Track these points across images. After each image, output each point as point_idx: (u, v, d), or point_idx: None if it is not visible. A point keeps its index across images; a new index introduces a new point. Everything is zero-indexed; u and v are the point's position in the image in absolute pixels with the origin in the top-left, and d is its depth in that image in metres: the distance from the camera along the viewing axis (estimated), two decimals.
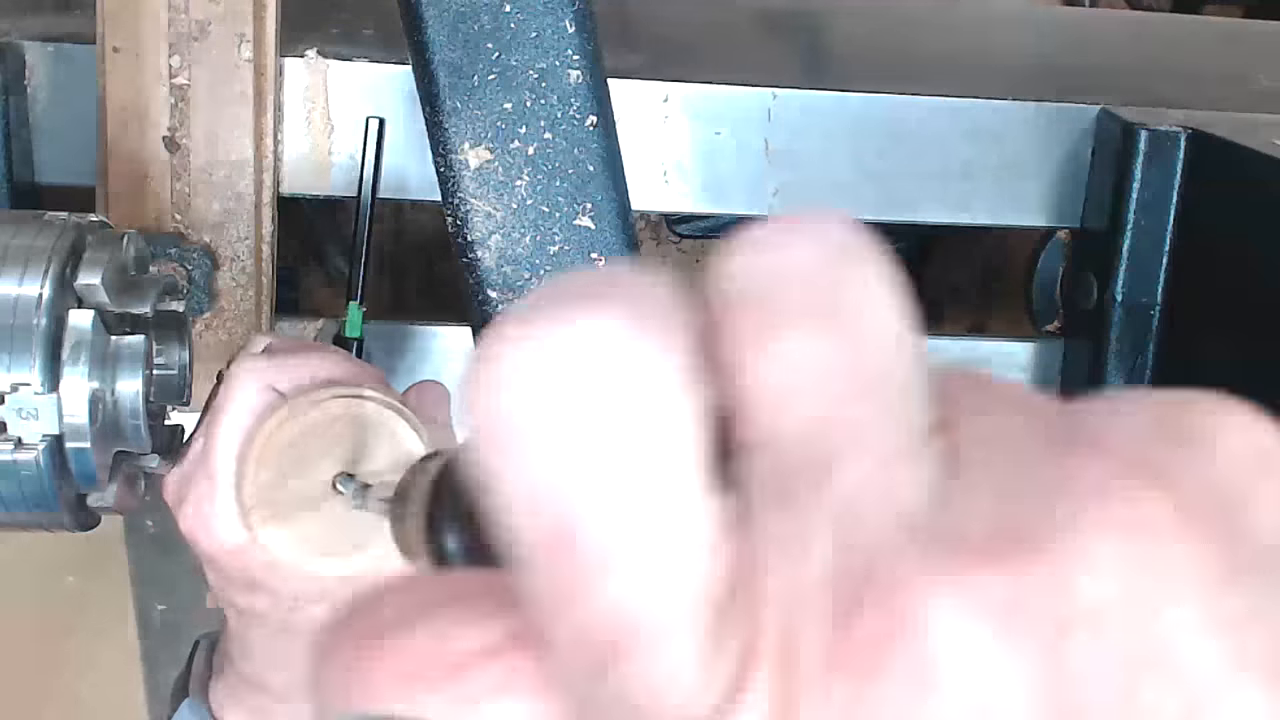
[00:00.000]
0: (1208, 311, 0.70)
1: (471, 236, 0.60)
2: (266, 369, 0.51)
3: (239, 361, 0.52)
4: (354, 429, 0.49)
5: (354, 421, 0.49)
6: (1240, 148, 0.67)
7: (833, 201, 0.75)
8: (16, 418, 0.45)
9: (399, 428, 0.49)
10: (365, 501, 0.46)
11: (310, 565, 0.49)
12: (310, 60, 0.68)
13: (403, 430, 0.49)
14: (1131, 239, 0.71)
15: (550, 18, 0.58)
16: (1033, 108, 0.75)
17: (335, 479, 0.48)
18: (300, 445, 0.48)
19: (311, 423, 0.48)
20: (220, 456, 0.50)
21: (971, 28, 0.92)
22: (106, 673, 1.76)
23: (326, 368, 0.51)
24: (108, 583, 1.77)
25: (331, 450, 0.48)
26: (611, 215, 0.61)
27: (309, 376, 0.50)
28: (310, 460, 0.48)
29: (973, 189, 0.75)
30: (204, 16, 0.62)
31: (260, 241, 0.65)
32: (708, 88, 0.72)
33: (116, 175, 0.63)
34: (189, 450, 0.53)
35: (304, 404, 0.48)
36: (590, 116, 0.60)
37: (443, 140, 0.59)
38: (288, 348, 0.54)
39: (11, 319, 0.45)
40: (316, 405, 0.48)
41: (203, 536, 0.51)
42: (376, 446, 0.49)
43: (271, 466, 0.48)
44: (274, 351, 0.52)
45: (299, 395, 0.49)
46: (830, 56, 0.85)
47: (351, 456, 0.49)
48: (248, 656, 0.57)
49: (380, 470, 0.48)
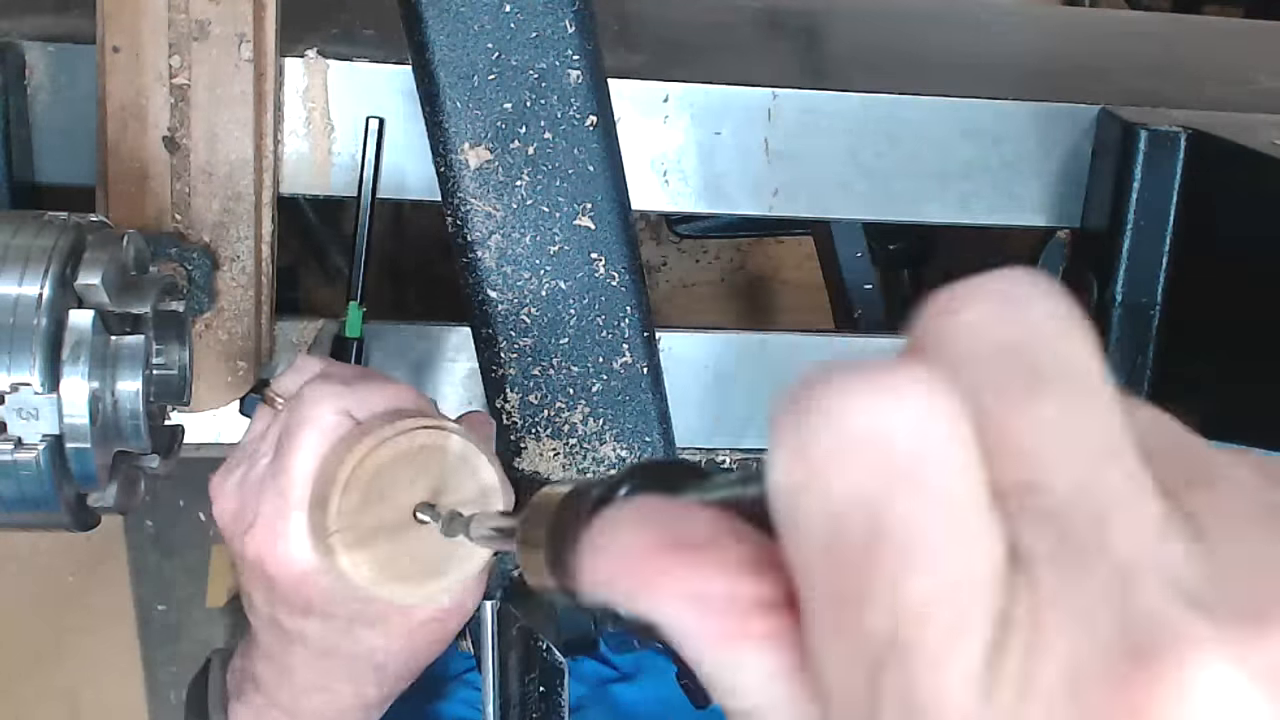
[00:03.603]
0: (1208, 311, 0.70)
1: (471, 236, 0.60)
2: (344, 394, 0.51)
3: (312, 385, 0.52)
4: (435, 460, 0.50)
5: (436, 453, 0.50)
6: (1240, 148, 0.67)
7: (833, 201, 0.75)
8: (16, 418, 0.45)
9: (479, 462, 0.50)
10: (455, 529, 0.47)
11: (384, 591, 0.49)
12: (310, 60, 0.68)
13: (482, 464, 0.50)
14: (1131, 239, 0.71)
15: (550, 18, 0.58)
16: (1033, 108, 0.75)
17: (416, 508, 0.49)
18: (386, 474, 0.49)
19: (399, 452, 0.49)
20: (296, 479, 0.50)
21: (971, 28, 0.92)
22: (106, 672, 1.76)
23: (400, 396, 0.52)
24: (108, 583, 1.77)
25: (413, 480, 0.49)
26: (611, 215, 0.61)
27: (384, 404, 0.51)
28: (393, 489, 0.49)
29: (973, 189, 0.75)
30: (204, 16, 0.62)
31: (260, 241, 0.65)
32: (708, 88, 0.72)
33: (116, 175, 0.63)
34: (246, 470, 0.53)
35: (392, 432, 0.49)
36: (590, 116, 0.60)
37: (443, 140, 0.59)
38: (354, 374, 0.54)
39: (11, 319, 0.45)
40: (404, 434, 0.49)
41: (270, 558, 0.51)
42: (456, 479, 0.50)
43: (358, 493, 0.48)
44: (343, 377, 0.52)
45: (376, 423, 0.50)
46: (830, 56, 0.85)
47: (432, 487, 0.49)
48: (284, 680, 0.56)
49: (459, 502, 0.49)
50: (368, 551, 0.48)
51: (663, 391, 0.63)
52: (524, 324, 0.61)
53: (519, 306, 0.61)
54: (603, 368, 0.62)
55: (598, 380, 0.62)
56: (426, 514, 0.49)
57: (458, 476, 0.50)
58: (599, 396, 0.62)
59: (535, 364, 0.61)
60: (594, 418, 0.62)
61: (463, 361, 0.74)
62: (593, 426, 0.62)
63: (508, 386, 0.61)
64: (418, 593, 0.50)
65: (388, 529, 0.49)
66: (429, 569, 0.49)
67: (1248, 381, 0.67)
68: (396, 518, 0.49)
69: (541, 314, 0.61)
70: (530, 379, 0.61)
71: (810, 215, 0.76)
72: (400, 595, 0.49)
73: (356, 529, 0.48)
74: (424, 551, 0.49)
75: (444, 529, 0.47)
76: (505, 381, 0.61)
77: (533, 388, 0.61)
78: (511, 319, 0.61)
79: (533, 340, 0.61)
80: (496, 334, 0.61)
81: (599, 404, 0.62)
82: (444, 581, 0.50)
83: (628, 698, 0.83)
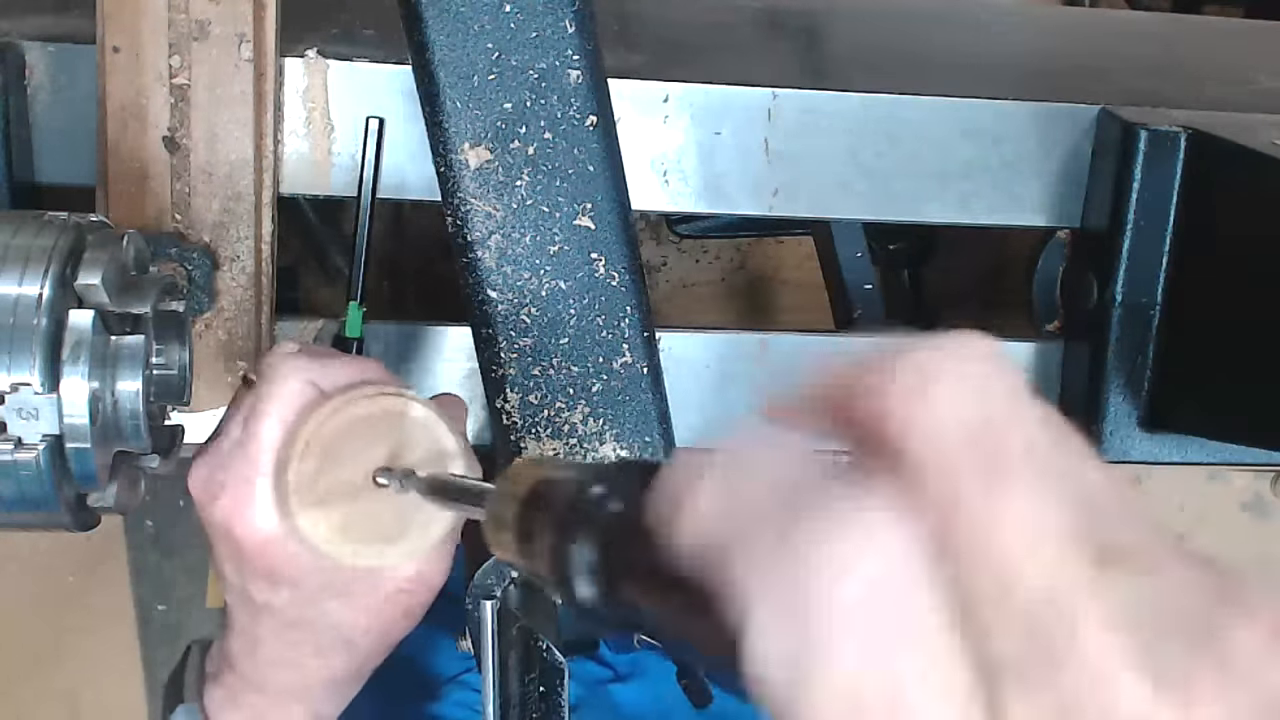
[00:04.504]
0: (1208, 311, 0.70)
1: (471, 236, 0.60)
2: (310, 366, 0.52)
3: (280, 358, 0.53)
4: (394, 427, 0.51)
5: (395, 420, 0.51)
6: (1240, 148, 0.67)
7: (833, 201, 0.75)
8: (16, 418, 0.45)
9: (438, 428, 0.51)
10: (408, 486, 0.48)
11: (343, 555, 0.50)
12: (310, 60, 0.68)
13: (441, 431, 0.52)
14: (1131, 239, 0.71)
15: (550, 18, 0.58)
16: (1033, 108, 0.75)
17: (375, 473, 0.50)
18: (345, 437, 0.50)
19: (358, 416, 0.50)
20: (263, 446, 0.51)
21: (971, 28, 0.92)
22: (106, 672, 1.76)
23: (365, 370, 0.53)
24: (108, 583, 1.77)
25: (372, 445, 0.50)
26: (611, 215, 0.61)
27: (349, 376, 0.52)
28: (352, 453, 0.50)
29: (973, 189, 0.75)
30: (204, 16, 0.62)
31: (260, 241, 0.65)
32: (708, 88, 0.72)
33: (116, 175, 0.63)
34: (218, 443, 0.54)
35: (351, 398, 0.50)
36: (590, 116, 0.60)
37: (443, 140, 0.59)
38: (323, 351, 0.55)
39: (11, 319, 0.45)
40: (363, 400, 0.50)
41: (237, 522, 0.52)
42: (415, 444, 0.51)
43: (316, 456, 0.49)
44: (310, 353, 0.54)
45: (340, 392, 0.51)
46: (830, 56, 0.85)
47: (391, 453, 0.51)
48: (254, 654, 0.57)
49: (417, 464, 0.50)
50: (326, 511, 0.49)
51: (663, 391, 0.63)
52: (524, 324, 0.61)
53: (519, 306, 0.61)
54: (603, 368, 0.62)
55: (598, 380, 0.62)
56: (385, 477, 0.50)
57: (418, 442, 0.51)
58: (599, 396, 0.62)
59: (535, 364, 0.61)
60: (594, 418, 0.62)
61: (463, 361, 0.74)
62: (593, 426, 0.62)
63: (508, 386, 0.61)
64: (377, 555, 0.51)
65: (347, 492, 0.50)
66: (389, 533, 0.50)
67: (1248, 381, 0.67)
68: (356, 481, 0.50)
69: (541, 314, 0.61)
70: (530, 379, 0.61)
71: (810, 215, 0.76)
72: (359, 557, 0.50)
73: (316, 490, 0.49)
74: (384, 515, 0.50)
75: (398, 486, 0.49)
76: (505, 381, 0.61)
77: (533, 388, 0.61)
78: (511, 319, 0.61)
79: (533, 340, 0.61)
80: (496, 334, 0.61)
81: (599, 404, 0.62)
82: (404, 546, 0.51)
83: (627, 698, 0.83)
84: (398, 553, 0.51)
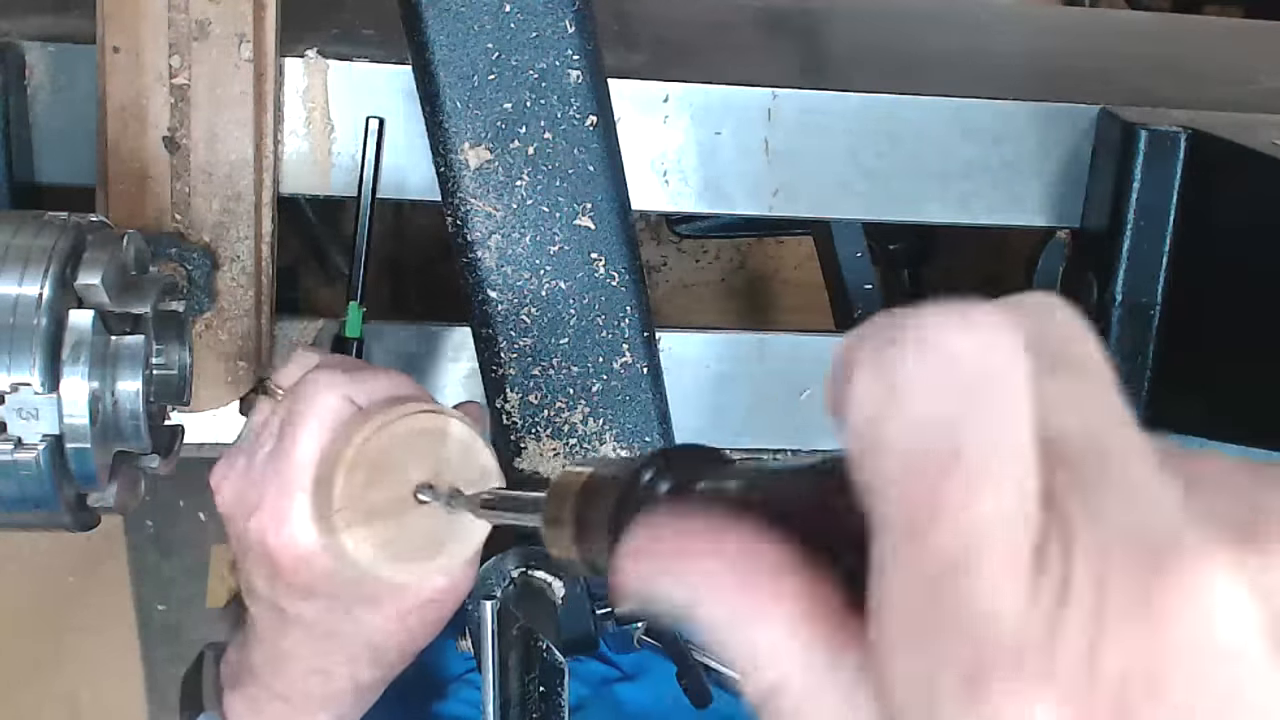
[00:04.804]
0: (1208, 311, 0.70)
1: (471, 236, 0.60)
2: (345, 381, 0.52)
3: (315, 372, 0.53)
4: (435, 444, 0.51)
5: (436, 437, 0.51)
6: (1240, 148, 0.67)
7: (833, 201, 0.75)
8: (16, 418, 0.45)
9: (478, 445, 0.52)
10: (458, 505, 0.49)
11: (384, 570, 0.51)
12: (310, 60, 0.68)
13: (480, 448, 0.52)
14: (1131, 239, 0.71)
15: (550, 18, 0.58)
16: (1033, 108, 0.75)
17: (416, 489, 0.51)
18: (388, 455, 0.50)
19: (400, 434, 0.51)
20: (300, 461, 0.51)
21: (971, 28, 0.92)
22: (106, 673, 1.76)
23: (399, 384, 0.54)
24: (108, 583, 1.77)
25: (412, 462, 0.51)
26: (611, 215, 0.61)
27: (384, 391, 0.53)
28: (394, 470, 0.51)
29: (973, 189, 0.75)
30: (204, 16, 0.62)
31: (260, 241, 0.65)
32: (708, 88, 0.72)
33: (116, 175, 0.63)
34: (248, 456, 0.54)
35: (394, 415, 0.50)
36: (590, 116, 0.60)
37: (443, 140, 0.59)
38: (353, 363, 0.56)
39: (11, 319, 0.45)
40: (406, 418, 0.51)
41: (273, 538, 0.52)
42: (456, 461, 0.52)
43: (363, 471, 0.50)
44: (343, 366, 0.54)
45: (379, 408, 0.51)
46: (830, 56, 0.85)
47: (431, 470, 0.51)
48: (280, 664, 0.57)
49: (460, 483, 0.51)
50: (369, 530, 0.50)
51: (663, 391, 0.63)
52: (524, 324, 0.61)
53: (519, 306, 0.61)
54: (603, 368, 0.62)
55: (598, 380, 0.62)
56: (427, 494, 0.50)
57: (457, 459, 0.52)
58: (599, 396, 0.62)
59: (535, 364, 0.61)
60: (594, 418, 0.62)
61: (463, 361, 0.74)
62: (593, 426, 0.62)
63: (508, 386, 0.61)
64: (416, 571, 0.51)
65: (389, 509, 0.50)
66: (426, 549, 0.51)
67: (1247, 381, 0.67)
68: (397, 498, 0.50)
69: (541, 314, 0.61)
70: (530, 379, 0.61)
71: (810, 215, 0.76)
72: (400, 574, 0.51)
73: (359, 508, 0.50)
74: (422, 532, 0.51)
75: (445, 505, 0.49)
76: (505, 381, 0.61)
77: (533, 388, 0.61)
78: (511, 319, 0.61)
79: (533, 340, 0.61)
80: (496, 334, 0.61)
81: (599, 404, 0.62)
82: (440, 561, 0.51)
83: (629, 697, 0.83)
84: (435, 567, 0.52)
